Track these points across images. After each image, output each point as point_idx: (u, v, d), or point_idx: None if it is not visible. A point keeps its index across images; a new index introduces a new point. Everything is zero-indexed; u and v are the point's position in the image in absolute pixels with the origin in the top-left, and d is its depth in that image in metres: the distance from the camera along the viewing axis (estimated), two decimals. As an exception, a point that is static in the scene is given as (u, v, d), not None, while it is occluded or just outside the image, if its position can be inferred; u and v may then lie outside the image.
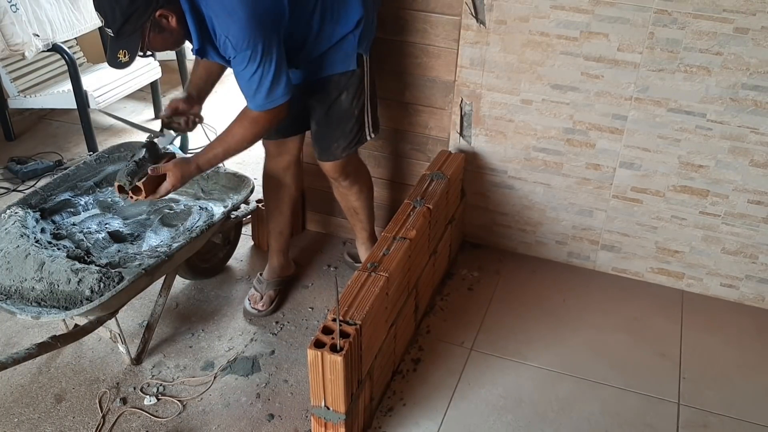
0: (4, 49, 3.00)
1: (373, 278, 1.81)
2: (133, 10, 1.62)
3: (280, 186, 2.31)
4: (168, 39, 1.74)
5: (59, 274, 1.85)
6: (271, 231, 2.39)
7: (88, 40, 3.73)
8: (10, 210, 2.07)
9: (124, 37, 1.66)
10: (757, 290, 2.37)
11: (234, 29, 1.68)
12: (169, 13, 1.68)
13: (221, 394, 2.04)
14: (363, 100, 2.06)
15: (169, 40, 1.74)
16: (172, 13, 1.68)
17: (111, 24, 1.64)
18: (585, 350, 2.20)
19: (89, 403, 2.01)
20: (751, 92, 2.06)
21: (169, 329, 2.29)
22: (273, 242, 2.41)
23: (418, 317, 2.26)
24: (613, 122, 2.24)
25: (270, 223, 2.39)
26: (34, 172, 3.21)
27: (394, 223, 2.03)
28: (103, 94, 3.33)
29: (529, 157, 2.40)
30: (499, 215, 2.58)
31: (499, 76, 2.29)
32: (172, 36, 1.73)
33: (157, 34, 1.70)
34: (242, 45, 1.69)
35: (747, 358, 2.18)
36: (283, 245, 2.41)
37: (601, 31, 2.12)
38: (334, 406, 1.71)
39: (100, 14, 1.65)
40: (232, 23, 1.67)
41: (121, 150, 2.45)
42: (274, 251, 2.42)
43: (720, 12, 1.98)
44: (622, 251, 2.47)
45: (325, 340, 1.64)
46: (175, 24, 1.70)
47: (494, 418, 1.96)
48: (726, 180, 2.22)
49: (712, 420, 1.97)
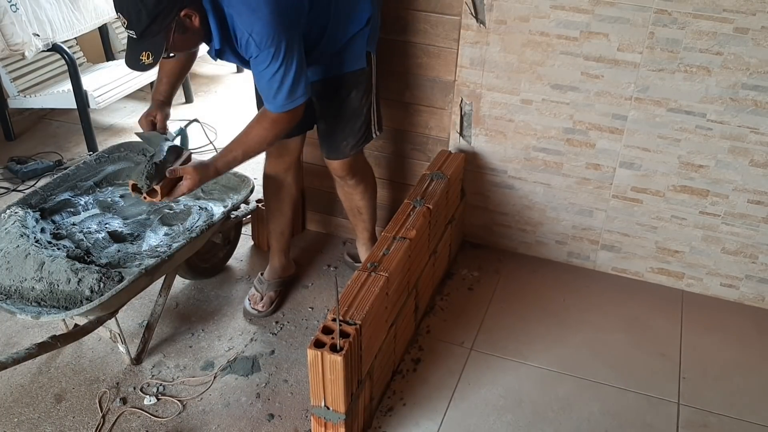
0: (4, 48, 3.00)
1: (373, 278, 1.81)
2: (159, 10, 1.59)
3: (280, 186, 2.31)
4: (190, 39, 1.72)
5: (59, 274, 1.85)
6: (272, 231, 2.39)
7: (88, 40, 3.73)
8: (10, 210, 2.07)
9: (149, 38, 1.63)
10: (757, 290, 2.37)
11: (258, 26, 1.66)
12: (193, 13, 1.67)
13: (221, 394, 2.04)
14: (370, 98, 2.08)
15: (191, 40, 1.73)
16: (196, 12, 1.67)
17: (135, 25, 1.60)
18: (585, 350, 2.20)
19: (89, 403, 2.01)
20: (751, 92, 2.06)
21: (169, 329, 2.29)
22: (274, 242, 2.41)
23: (418, 317, 2.26)
24: (613, 122, 2.24)
25: (270, 224, 2.39)
26: (34, 172, 3.21)
27: (394, 223, 2.03)
28: (103, 94, 3.33)
29: (529, 157, 2.40)
30: (499, 215, 2.58)
31: (499, 76, 2.29)
32: (194, 36, 1.72)
33: (180, 35, 1.68)
34: (266, 42, 1.68)
35: (747, 358, 2.18)
36: (284, 245, 2.41)
37: (601, 31, 2.12)
38: (334, 406, 1.71)
39: (123, 15, 1.61)
40: (257, 20, 1.66)
41: (121, 150, 2.45)
42: (275, 251, 2.42)
43: (720, 12, 1.98)
44: (622, 251, 2.47)
45: (325, 340, 1.64)
46: (198, 24, 1.69)
47: (494, 418, 1.96)
48: (726, 180, 2.22)
49: (712, 420, 1.97)
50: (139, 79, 3.55)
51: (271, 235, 2.40)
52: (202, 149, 3.44)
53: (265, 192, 2.36)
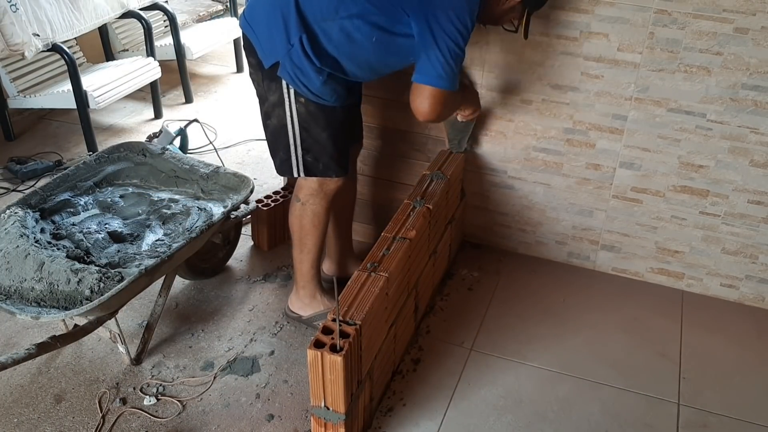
0: (3, 49, 3.00)
1: (373, 278, 1.81)
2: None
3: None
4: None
5: (59, 274, 1.85)
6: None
7: (88, 40, 3.73)
8: (10, 210, 2.07)
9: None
10: (757, 290, 2.37)
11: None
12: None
13: (221, 395, 2.04)
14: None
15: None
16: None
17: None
18: (585, 350, 2.20)
19: (89, 403, 2.01)
20: (751, 92, 2.06)
21: (168, 329, 2.29)
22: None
23: (418, 317, 2.26)
24: (613, 122, 2.24)
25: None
26: (34, 172, 3.21)
27: (394, 223, 2.03)
28: (102, 94, 3.33)
29: (529, 157, 2.40)
30: (499, 215, 2.58)
31: (499, 76, 2.29)
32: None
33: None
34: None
35: (747, 358, 2.18)
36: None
37: (601, 31, 2.12)
38: (333, 407, 1.71)
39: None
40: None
41: (121, 150, 2.45)
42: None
43: (720, 12, 1.98)
44: (622, 251, 2.47)
45: (324, 340, 1.64)
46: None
47: (494, 418, 1.96)
48: (726, 180, 2.22)
49: (712, 420, 1.97)
50: (138, 79, 3.55)
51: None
52: (202, 149, 3.44)
53: (320, 231, 2.15)
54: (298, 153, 1.99)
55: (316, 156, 1.99)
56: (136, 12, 3.67)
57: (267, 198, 2.70)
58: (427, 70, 1.78)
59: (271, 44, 1.86)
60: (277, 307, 2.38)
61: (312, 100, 1.90)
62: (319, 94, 1.89)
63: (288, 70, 1.86)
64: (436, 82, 1.78)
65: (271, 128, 2.01)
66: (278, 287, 2.49)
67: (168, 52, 3.95)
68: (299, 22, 1.80)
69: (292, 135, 1.97)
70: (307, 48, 1.81)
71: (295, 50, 1.82)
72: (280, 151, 2.02)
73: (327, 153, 1.99)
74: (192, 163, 2.42)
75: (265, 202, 2.66)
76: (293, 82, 1.88)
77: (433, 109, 1.82)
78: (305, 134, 1.96)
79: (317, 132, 1.96)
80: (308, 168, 2.01)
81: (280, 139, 1.99)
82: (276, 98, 1.93)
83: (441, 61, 1.75)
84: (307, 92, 1.89)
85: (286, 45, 1.83)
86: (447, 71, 1.77)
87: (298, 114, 1.93)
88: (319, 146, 1.98)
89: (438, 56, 1.75)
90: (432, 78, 1.78)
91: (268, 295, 2.45)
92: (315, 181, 2.04)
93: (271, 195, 2.71)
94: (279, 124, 1.97)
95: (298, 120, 1.94)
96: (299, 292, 2.25)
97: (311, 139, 1.97)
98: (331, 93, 1.91)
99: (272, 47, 1.86)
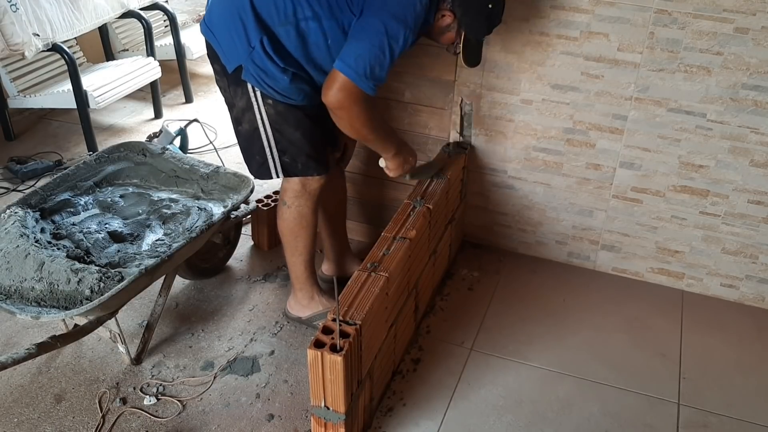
0: (4, 48, 3.00)
1: (373, 278, 1.81)
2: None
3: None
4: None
5: (59, 274, 1.85)
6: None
7: (88, 40, 3.73)
8: (10, 210, 2.07)
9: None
10: (757, 290, 2.37)
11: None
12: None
13: (221, 394, 2.04)
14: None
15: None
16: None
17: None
18: (585, 350, 2.20)
19: (89, 403, 2.01)
20: (751, 92, 2.06)
21: (168, 329, 2.29)
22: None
23: (418, 317, 2.26)
24: (613, 122, 2.24)
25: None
26: (34, 171, 3.21)
27: (394, 223, 2.03)
28: (102, 94, 3.33)
29: (529, 157, 2.40)
30: (499, 215, 2.58)
31: (499, 75, 2.29)
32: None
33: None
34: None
35: (747, 358, 2.18)
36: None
37: (601, 31, 2.12)
38: (334, 406, 1.71)
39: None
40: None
41: (121, 150, 2.45)
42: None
43: (720, 12, 1.98)
44: (622, 251, 2.47)
45: (325, 340, 1.64)
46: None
47: (494, 418, 1.96)
48: (726, 180, 2.22)
49: (712, 420, 1.97)
50: (139, 79, 3.55)
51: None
52: (202, 149, 3.44)
53: (311, 232, 2.16)
54: (275, 155, 2.00)
55: (293, 156, 2.00)
56: (136, 12, 3.67)
57: (267, 198, 2.70)
58: (350, 63, 1.74)
59: (233, 48, 1.86)
60: (277, 307, 2.38)
61: (280, 100, 1.91)
62: (286, 93, 1.89)
63: (252, 73, 1.86)
64: (354, 76, 1.74)
65: (244, 133, 2.01)
66: (278, 287, 2.49)
67: (168, 51, 3.96)
68: (257, 24, 1.80)
69: (266, 137, 1.97)
70: (269, 50, 1.81)
71: (257, 52, 1.82)
72: (256, 155, 2.02)
73: (303, 152, 1.99)
74: (192, 162, 2.42)
75: (265, 202, 2.66)
76: (258, 84, 1.88)
77: (343, 103, 1.77)
78: (278, 135, 1.97)
79: (290, 132, 1.96)
80: (286, 169, 2.02)
81: (254, 142, 2.00)
82: (244, 103, 1.94)
83: (365, 56, 1.73)
84: (273, 93, 1.89)
85: (247, 48, 1.82)
86: (367, 69, 1.73)
87: (268, 116, 1.94)
88: (295, 147, 1.98)
89: (363, 50, 1.73)
90: (351, 70, 1.73)
91: (268, 294, 2.45)
92: (297, 182, 2.05)
93: (271, 195, 2.71)
94: (251, 128, 1.97)
95: (269, 122, 1.95)
96: (297, 294, 2.25)
97: (285, 140, 1.97)
98: (298, 92, 1.91)
99: (234, 51, 1.86)
